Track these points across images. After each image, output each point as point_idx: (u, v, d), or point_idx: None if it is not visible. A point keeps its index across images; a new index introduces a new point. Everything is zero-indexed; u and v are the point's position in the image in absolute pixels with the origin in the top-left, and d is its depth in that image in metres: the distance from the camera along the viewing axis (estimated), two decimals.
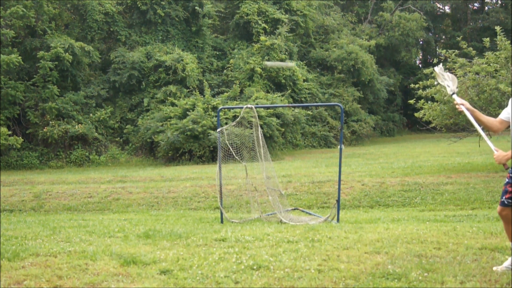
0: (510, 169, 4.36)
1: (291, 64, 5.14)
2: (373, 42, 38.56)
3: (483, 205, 10.71)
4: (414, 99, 15.84)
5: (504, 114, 4.54)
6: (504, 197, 4.44)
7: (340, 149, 9.22)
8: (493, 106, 13.36)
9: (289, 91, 28.27)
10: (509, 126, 4.52)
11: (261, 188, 10.07)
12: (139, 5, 28.04)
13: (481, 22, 47.11)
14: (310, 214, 9.86)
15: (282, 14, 31.51)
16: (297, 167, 17.76)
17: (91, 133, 24.20)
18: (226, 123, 19.09)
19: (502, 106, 13.45)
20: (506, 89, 12.59)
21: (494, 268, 4.53)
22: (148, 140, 24.23)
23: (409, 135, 41.50)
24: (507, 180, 4.42)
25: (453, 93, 4.75)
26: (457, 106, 4.66)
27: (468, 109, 4.58)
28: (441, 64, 5.11)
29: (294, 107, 26.42)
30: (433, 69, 5.06)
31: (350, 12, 44.55)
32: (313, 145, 30.38)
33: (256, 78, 27.81)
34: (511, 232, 4.49)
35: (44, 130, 23.36)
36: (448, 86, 4.81)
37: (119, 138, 26.13)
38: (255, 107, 9.66)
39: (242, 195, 12.39)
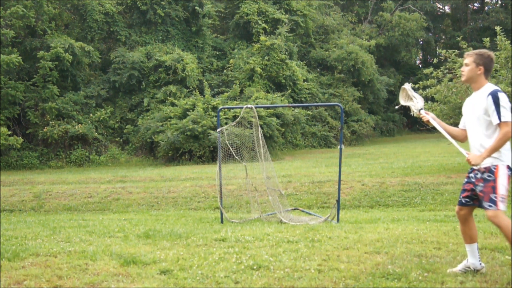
0: (470, 169, 4.45)
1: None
2: (373, 42, 38.57)
3: None
4: None
5: (462, 123, 4.67)
6: (461, 196, 4.51)
7: (340, 149, 9.22)
8: None
9: (289, 91, 28.27)
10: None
11: (261, 188, 10.07)
12: (139, 5, 28.03)
13: (481, 22, 47.12)
14: (310, 214, 9.86)
15: (282, 14, 31.52)
16: (297, 167, 17.76)
17: (91, 133, 24.20)
18: (226, 123, 19.11)
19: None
20: (506, 89, 12.59)
21: (449, 271, 4.55)
22: (148, 140, 24.23)
23: (409, 135, 41.49)
24: (465, 180, 4.49)
25: (421, 109, 4.78)
26: (423, 117, 4.71)
27: (434, 120, 4.67)
28: (410, 84, 5.16)
29: (294, 107, 26.40)
30: (402, 87, 5.02)
31: (350, 12, 44.57)
32: (313, 145, 30.37)
33: (256, 78, 27.81)
34: (467, 234, 4.52)
35: (44, 130, 23.36)
36: (413, 105, 4.83)
37: (119, 138, 26.13)
38: (255, 107, 9.65)
39: (242, 195, 12.39)
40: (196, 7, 28.55)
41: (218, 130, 9.55)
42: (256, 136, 9.49)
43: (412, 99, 4.89)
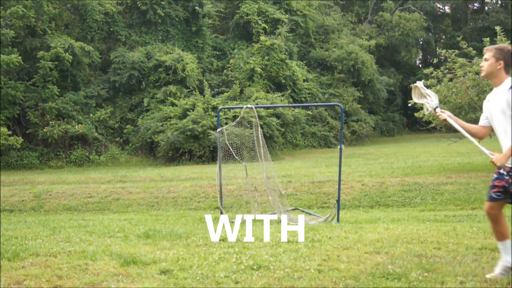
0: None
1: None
2: (373, 42, 38.58)
3: (483, 205, 10.64)
4: None
5: (482, 120, 4.51)
6: (492, 191, 4.35)
7: (340, 149, 9.22)
8: None
9: (289, 91, 28.28)
10: (493, 129, 4.45)
11: (261, 188, 10.06)
12: (139, 5, 28.04)
13: (481, 22, 47.14)
14: (310, 214, 9.86)
15: (282, 14, 31.53)
16: (297, 167, 17.76)
17: (91, 133, 24.20)
18: (226, 123, 19.10)
19: None
20: None
21: (488, 276, 4.42)
22: (148, 140, 24.24)
23: (409, 135, 41.52)
24: (495, 176, 4.35)
25: (436, 107, 4.64)
26: (439, 116, 4.59)
27: (451, 118, 4.53)
28: (422, 81, 5.01)
29: (294, 107, 26.41)
30: (414, 85, 4.89)
31: (350, 12, 44.59)
32: (313, 145, 30.38)
33: (256, 78, 27.81)
34: (499, 231, 4.40)
35: (44, 130, 23.36)
36: (428, 103, 4.70)
37: (119, 138, 26.13)
38: (255, 107, 9.65)
39: (242, 195, 12.39)
40: (196, 7, 28.55)
41: (218, 130, 9.55)
42: (256, 136, 9.49)
43: (426, 97, 4.74)
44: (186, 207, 12.38)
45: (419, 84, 4.84)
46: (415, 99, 4.90)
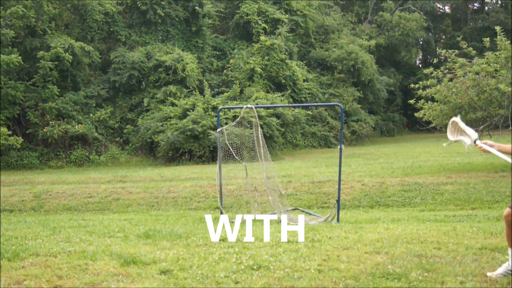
0: None
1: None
2: (373, 42, 38.59)
3: (483, 205, 10.72)
4: (414, 99, 15.86)
5: None
6: None
7: (340, 149, 9.22)
8: (493, 106, 13.38)
9: (289, 91, 28.28)
10: None
11: (261, 188, 10.06)
12: (139, 5, 28.04)
13: (481, 22, 47.15)
14: (310, 214, 9.86)
15: (282, 14, 31.54)
16: (297, 167, 17.76)
17: (91, 133, 24.20)
18: (226, 123, 19.10)
19: (502, 106, 13.45)
20: (506, 89, 12.59)
21: (489, 274, 4.44)
22: (148, 140, 24.24)
23: (409, 135, 41.52)
24: None
25: (476, 140, 4.44)
26: (481, 149, 4.39)
27: (491, 146, 4.34)
28: (459, 116, 4.77)
29: (294, 107, 26.41)
30: (453, 121, 4.63)
31: (350, 12, 44.59)
32: (313, 145, 30.38)
33: (256, 78, 27.81)
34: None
35: (44, 130, 23.36)
36: (465, 140, 4.50)
37: (119, 138, 26.13)
38: (255, 107, 9.66)
39: (242, 195, 12.38)
40: (196, 7, 28.55)
41: (218, 130, 9.56)
42: (256, 136, 9.49)
43: (463, 133, 4.55)
44: (186, 207, 12.38)
45: (458, 119, 4.62)
46: (451, 137, 4.68)
